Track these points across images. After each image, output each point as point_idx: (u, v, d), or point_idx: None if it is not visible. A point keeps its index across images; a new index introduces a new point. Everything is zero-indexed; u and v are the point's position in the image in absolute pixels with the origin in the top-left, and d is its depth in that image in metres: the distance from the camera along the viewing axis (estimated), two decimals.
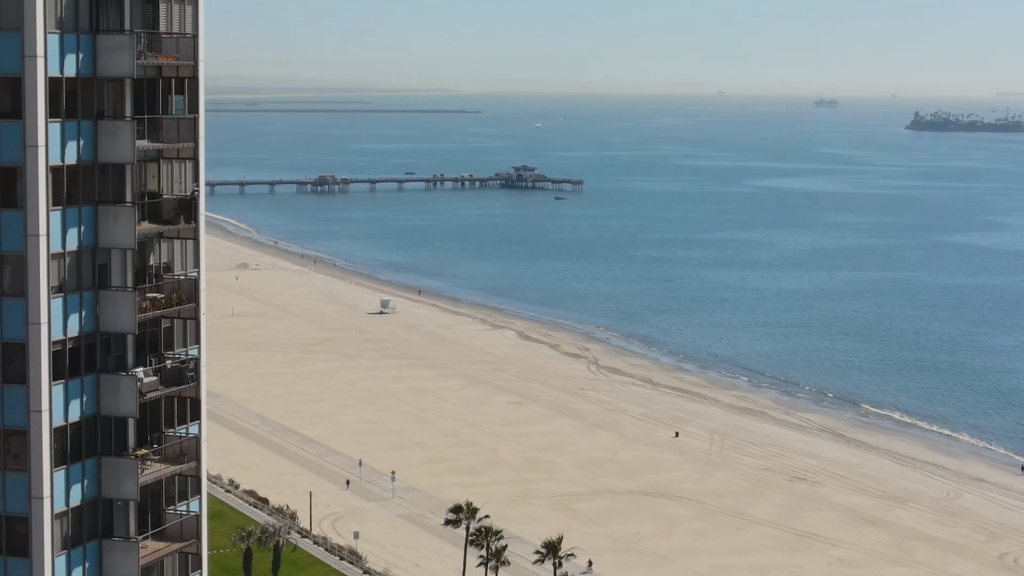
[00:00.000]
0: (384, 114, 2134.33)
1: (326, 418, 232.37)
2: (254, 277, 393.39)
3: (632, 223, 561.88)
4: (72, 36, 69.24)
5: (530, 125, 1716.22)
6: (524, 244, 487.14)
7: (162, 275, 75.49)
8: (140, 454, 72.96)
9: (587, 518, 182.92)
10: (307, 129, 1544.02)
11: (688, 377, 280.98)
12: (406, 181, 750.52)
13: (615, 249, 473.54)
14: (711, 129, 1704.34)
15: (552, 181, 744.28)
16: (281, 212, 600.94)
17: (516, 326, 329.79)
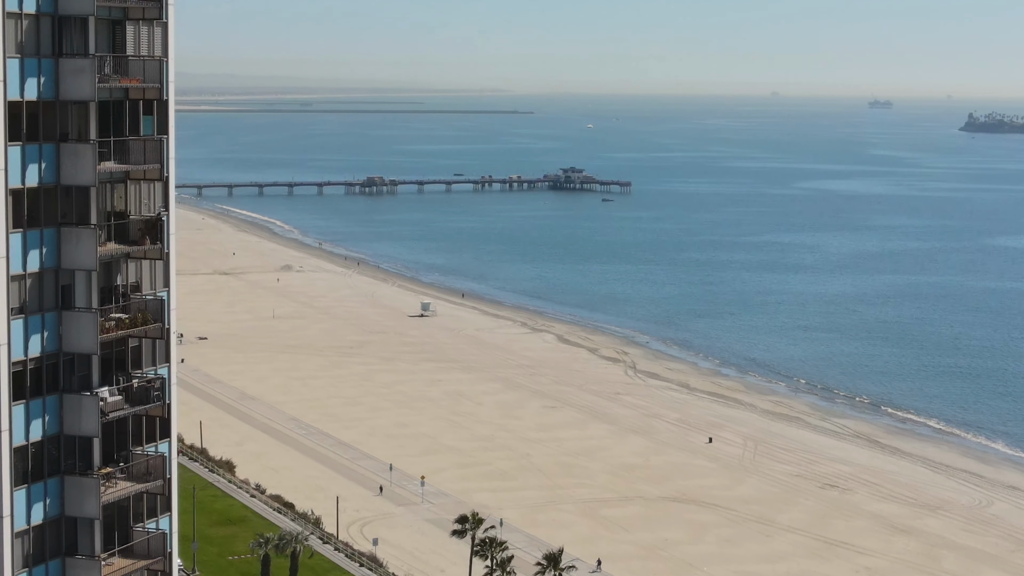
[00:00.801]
0: (436, 115, 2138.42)
1: (360, 422, 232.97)
2: (297, 279, 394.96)
3: (677, 225, 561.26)
4: (33, 60, 69.94)
5: (582, 126, 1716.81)
6: (568, 246, 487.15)
7: (129, 295, 76.04)
8: (105, 472, 73.52)
9: (615, 524, 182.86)
10: (358, 130, 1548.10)
11: (726, 382, 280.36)
12: (454, 183, 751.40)
13: (659, 252, 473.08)
14: (763, 130, 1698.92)
15: (600, 183, 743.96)
16: (328, 213, 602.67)
17: (556, 329, 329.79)
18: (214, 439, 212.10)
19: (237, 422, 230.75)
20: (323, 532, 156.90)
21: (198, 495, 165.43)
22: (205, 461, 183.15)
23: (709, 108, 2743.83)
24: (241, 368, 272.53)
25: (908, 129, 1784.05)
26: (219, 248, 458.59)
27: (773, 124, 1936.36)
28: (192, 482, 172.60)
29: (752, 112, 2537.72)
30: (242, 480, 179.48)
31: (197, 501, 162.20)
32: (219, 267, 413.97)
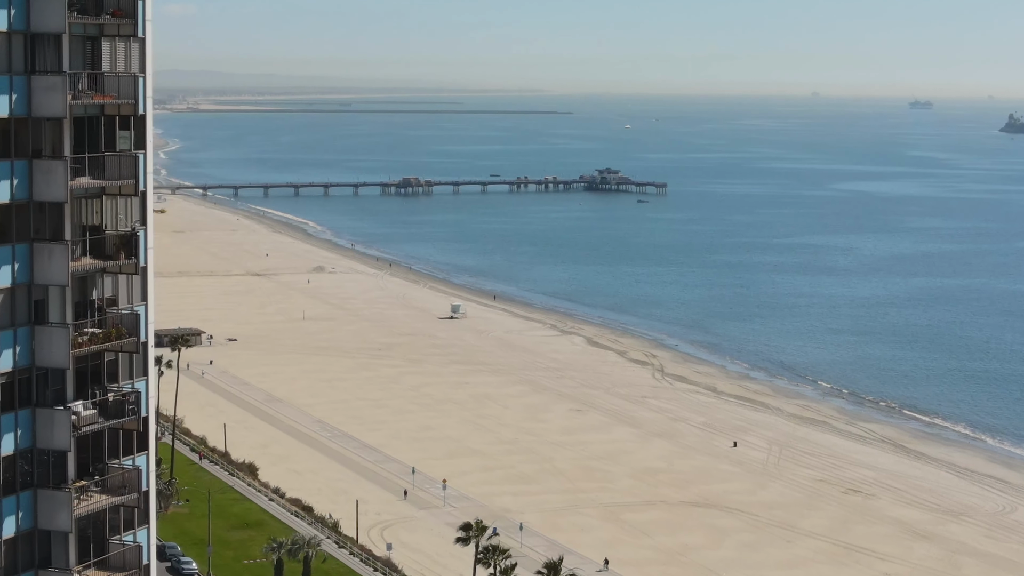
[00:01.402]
0: (474, 115, 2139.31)
1: (385, 424, 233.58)
2: (329, 280, 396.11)
3: (711, 227, 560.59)
4: (5, 78, 70.62)
5: (620, 126, 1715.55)
6: (601, 248, 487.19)
7: (105, 309, 76.64)
8: (79, 486, 74.17)
9: (636, 528, 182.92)
10: (396, 130, 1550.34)
11: (753, 385, 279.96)
12: (490, 184, 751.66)
13: (691, 254, 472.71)
14: (802, 131, 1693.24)
15: (636, 184, 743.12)
16: (363, 214, 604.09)
17: (585, 332, 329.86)
18: (239, 441, 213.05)
19: (263, 424, 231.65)
20: (339, 536, 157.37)
21: (216, 499, 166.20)
22: (225, 464, 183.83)
23: (749, 109, 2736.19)
24: (269, 370, 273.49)
25: (947, 130, 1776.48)
26: (253, 249, 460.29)
27: (812, 125, 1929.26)
28: (212, 485, 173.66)
29: (792, 113, 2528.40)
30: (262, 483, 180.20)
31: (215, 505, 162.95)
32: (252, 268, 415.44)
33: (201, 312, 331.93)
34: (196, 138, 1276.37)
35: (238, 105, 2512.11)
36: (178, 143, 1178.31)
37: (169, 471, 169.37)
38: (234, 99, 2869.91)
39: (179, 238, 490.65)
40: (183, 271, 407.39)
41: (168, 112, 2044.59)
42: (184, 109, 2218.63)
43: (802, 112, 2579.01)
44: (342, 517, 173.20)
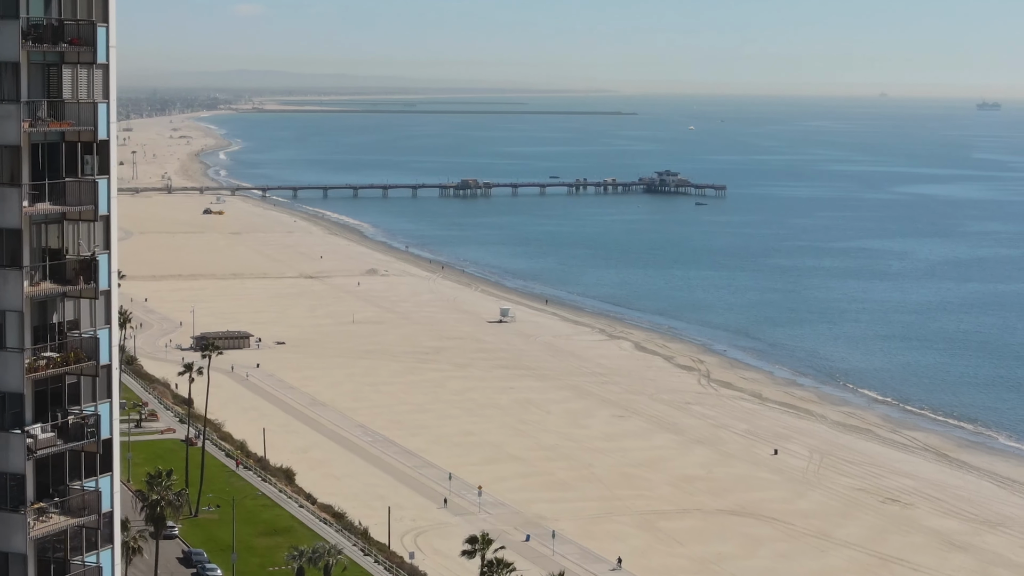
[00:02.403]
0: (539, 115, 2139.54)
1: (427, 429, 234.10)
2: (381, 283, 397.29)
3: (767, 230, 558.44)
4: None
5: (684, 127, 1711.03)
6: (655, 251, 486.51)
7: (66, 333, 77.46)
8: (36, 508, 74.98)
9: (670, 537, 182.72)
10: (459, 131, 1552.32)
11: (799, 392, 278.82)
12: (548, 186, 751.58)
13: (745, 257, 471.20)
14: (867, 132, 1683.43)
15: (695, 186, 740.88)
16: (420, 216, 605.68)
17: (634, 336, 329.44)
18: (280, 445, 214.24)
19: (305, 428, 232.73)
20: (366, 543, 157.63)
21: (247, 504, 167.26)
22: (259, 470, 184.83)
23: (815, 109, 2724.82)
24: (316, 373, 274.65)
25: (1015, 132, 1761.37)
26: (308, 251, 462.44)
27: (879, 126, 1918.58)
28: (244, 491, 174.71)
29: (859, 114, 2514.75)
30: (296, 489, 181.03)
31: (246, 511, 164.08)
32: (305, 271, 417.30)
33: (252, 315, 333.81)
34: (259, 139, 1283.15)
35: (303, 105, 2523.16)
36: (240, 143, 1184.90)
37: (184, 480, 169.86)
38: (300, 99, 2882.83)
39: (235, 240, 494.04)
40: (237, 273, 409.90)
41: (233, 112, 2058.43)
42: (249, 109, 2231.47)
43: (869, 113, 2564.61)
44: (376, 523, 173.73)
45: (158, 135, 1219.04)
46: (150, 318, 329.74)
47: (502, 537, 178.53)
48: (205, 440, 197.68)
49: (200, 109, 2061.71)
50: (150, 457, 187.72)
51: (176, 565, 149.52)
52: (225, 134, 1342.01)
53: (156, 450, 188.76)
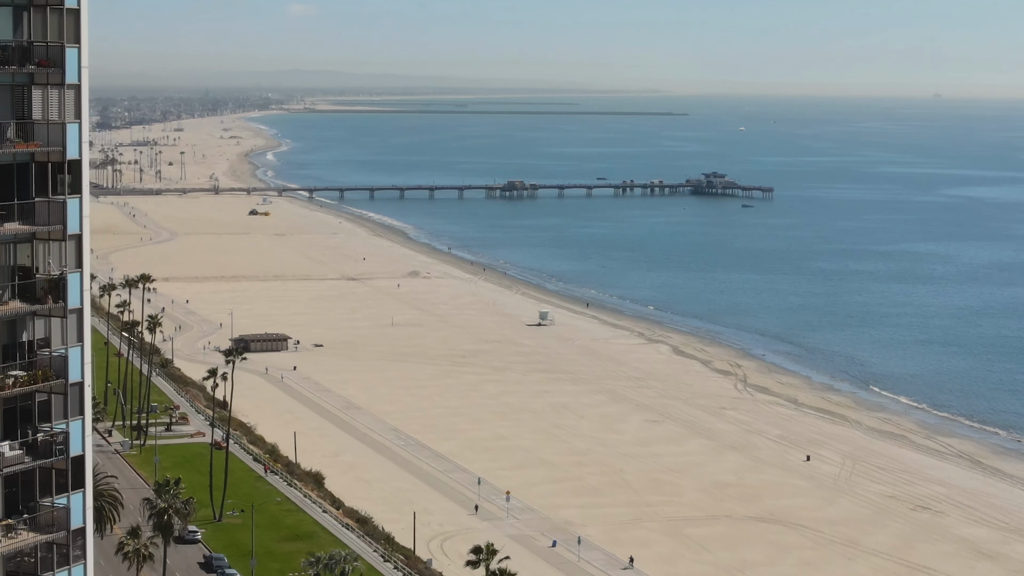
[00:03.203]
0: (590, 116, 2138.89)
1: (460, 433, 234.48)
2: (422, 285, 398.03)
3: (813, 233, 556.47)
4: None
5: (735, 128, 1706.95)
6: (698, 254, 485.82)
7: (36, 352, 78.13)
8: (4, 524, 75.66)
9: (697, 544, 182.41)
10: (508, 131, 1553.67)
11: (836, 397, 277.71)
12: (595, 187, 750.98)
13: (787, 260, 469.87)
14: (919, 134, 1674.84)
15: (742, 188, 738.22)
16: (465, 218, 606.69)
17: (672, 340, 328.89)
18: (312, 448, 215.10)
19: (338, 432, 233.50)
20: (387, 550, 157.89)
21: (271, 509, 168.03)
22: (285, 475, 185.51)
23: (868, 110, 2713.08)
24: (352, 376, 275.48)
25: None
26: (351, 253, 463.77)
27: (931, 127, 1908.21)
28: (270, 496, 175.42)
29: (912, 115, 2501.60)
30: (323, 494, 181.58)
31: (270, 516, 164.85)
32: (347, 272, 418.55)
33: (292, 317, 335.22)
34: (308, 139, 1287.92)
35: (354, 105, 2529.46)
36: (289, 144, 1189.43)
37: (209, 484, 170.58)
38: (351, 99, 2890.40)
39: (279, 241, 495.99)
40: (279, 275, 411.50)
41: (285, 112, 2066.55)
42: (301, 109, 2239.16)
43: (922, 114, 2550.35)
44: (403, 528, 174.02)
45: (209, 135, 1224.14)
46: (190, 320, 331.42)
47: (527, 542, 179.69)
48: (232, 444, 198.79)
49: (252, 109, 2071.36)
50: (178, 461, 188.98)
51: (197, 570, 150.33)
52: (275, 134, 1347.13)
53: (185, 454, 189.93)
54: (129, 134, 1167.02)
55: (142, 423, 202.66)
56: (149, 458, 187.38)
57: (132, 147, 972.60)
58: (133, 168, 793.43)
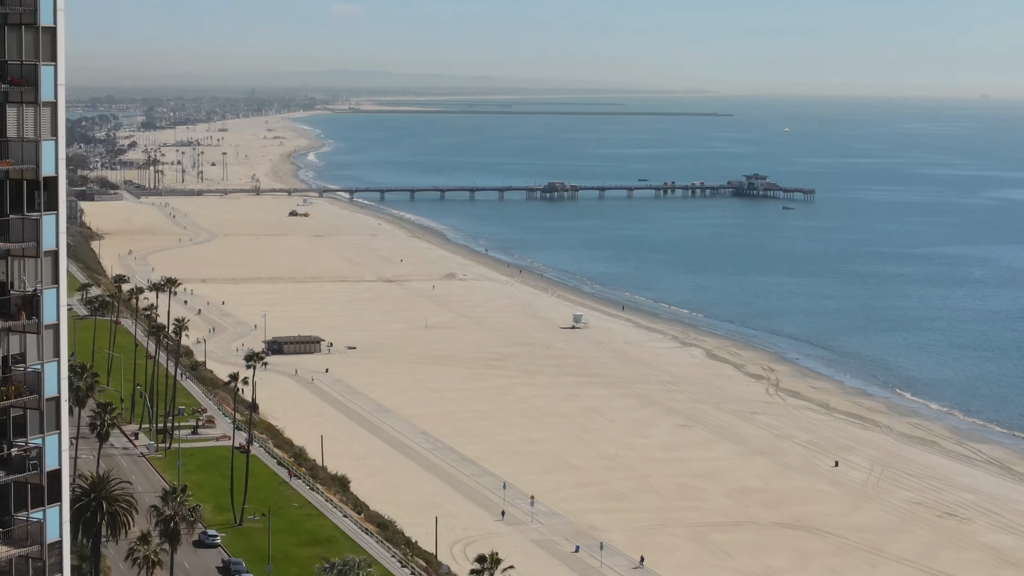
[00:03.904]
0: (634, 116, 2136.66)
1: (488, 437, 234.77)
2: (458, 287, 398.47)
3: (851, 235, 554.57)
4: None
5: (779, 129, 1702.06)
6: (736, 256, 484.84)
7: (11, 367, 78.79)
8: None
9: (720, 550, 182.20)
10: (552, 132, 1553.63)
11: (868, 402, 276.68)
12: (636, 189, 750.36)
13: (825, 263, 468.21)
14: (966, 135, 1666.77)
15: (783, 190, 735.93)
16: (504, 219, 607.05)
17: (706, 344, 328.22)
18: (340, 452, 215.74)
19: (367, 435, 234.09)
20: (405, 555, 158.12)
21: (292, 513, 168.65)
22: (308, 479, 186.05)
23: (915, 111, 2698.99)
24: (383, 379, 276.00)
25: None
26: (389, 255, 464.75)
27: (978, 129, 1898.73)
28: (290, 500, 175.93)
29: (959, 116, 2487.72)
30: (341, 499, 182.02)
31: (290, 520, 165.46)
32: (384, 274, 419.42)
33: (326, 319, 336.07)
34: (352, 139, 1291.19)
35: (399, 106, 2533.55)
36: (332, 144, 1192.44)
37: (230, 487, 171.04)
38: (396, 99, 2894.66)
39: (318, 243, 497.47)
40: (316, 277, 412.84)
41: (329, 112, 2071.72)
42: (346, 110, 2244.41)
43: (970, 115, 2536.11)
44: (427, 532, 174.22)
45: (252, 136, 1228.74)
46: (225, 321, 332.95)
47: (551, 547, 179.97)
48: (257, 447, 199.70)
49: (297, 109, 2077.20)
50: (202, 464, 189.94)
51: (215, 574, 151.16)
52: (319, 135, 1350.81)
53: (209, 457, 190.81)
54: (173, 134, 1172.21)
55: (168, 426, 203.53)
56: (174, 461, 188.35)
57: (175, 147, 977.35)
58: (175, 169, 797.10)
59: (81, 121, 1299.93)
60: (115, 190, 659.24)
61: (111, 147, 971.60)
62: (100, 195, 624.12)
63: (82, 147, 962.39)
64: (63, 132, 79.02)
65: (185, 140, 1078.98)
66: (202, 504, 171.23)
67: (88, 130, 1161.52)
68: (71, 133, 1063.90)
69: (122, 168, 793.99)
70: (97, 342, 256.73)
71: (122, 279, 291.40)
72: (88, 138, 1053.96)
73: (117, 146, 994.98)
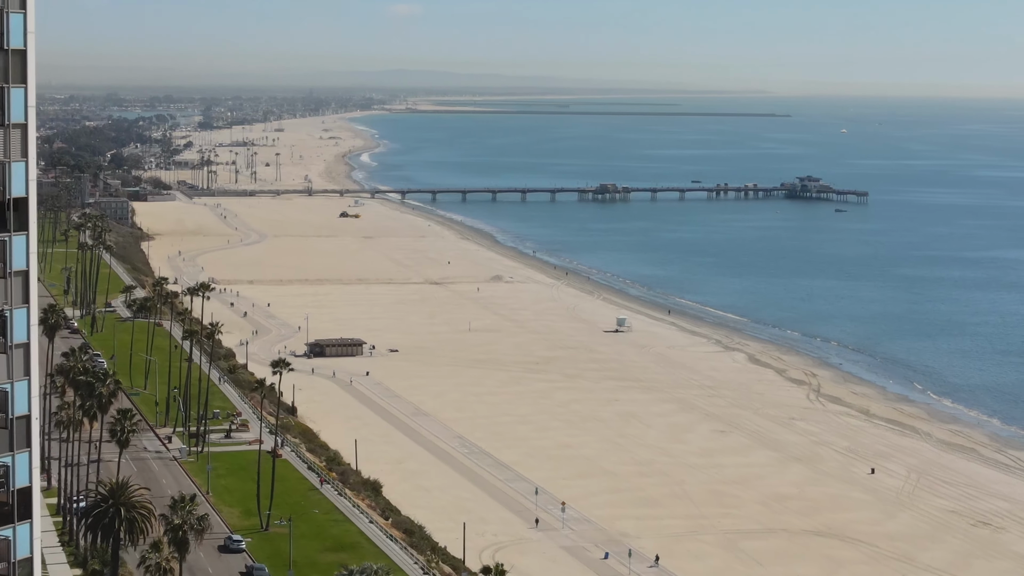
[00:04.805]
0: (691, 117, 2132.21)
1: (524, 441, 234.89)
2: (504, 290, 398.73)
3: (902, 238, 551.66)
4: None
5: (836, 130, 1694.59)
6: (784, 259, 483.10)
7: None
8: None
9: (750, 557, 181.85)
10: (608, 132, 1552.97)
11: (909, 408, 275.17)
12: (688, 190, 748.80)
13: (873, 267, 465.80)
14: (1022, 137, 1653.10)
15: (836, 192, 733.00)
16: (555, 221, 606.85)
17: (750, 348, 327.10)
18: (376, 455, 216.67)
19: (403, 438, 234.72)
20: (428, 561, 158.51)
21: (319, 519, 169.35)
22: (337, 483, 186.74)
23: (973, 112, 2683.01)
24: (423, 382, 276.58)
25: None
26: (437, 256, 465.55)
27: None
28: (316, 505, 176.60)
29: (1018, 117, 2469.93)
30: (369, 504, 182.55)
31: (315, 525, 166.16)
32: (430, 276, 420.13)
33: (370, 321, 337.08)
34: (407, 140, 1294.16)
35: (455, 106, 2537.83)
36: (387, 144, 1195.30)
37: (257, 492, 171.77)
38: (453, 99, 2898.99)
39: (366, 244, 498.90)
40: (363, 279, 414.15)
41: (386, 113, 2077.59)
42: (403, 110, 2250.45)
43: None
44: (457, 537, 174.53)
45: (308, 136, 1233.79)
46: (269, 323, 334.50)
47: (580, 553, 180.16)
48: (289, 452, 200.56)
49: (354, 109, 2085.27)
50: (233, 469, 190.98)
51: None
52: (375, 135, 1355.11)
53: (240, 461, 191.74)
54: (229, 134, 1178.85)
55: (200, 430, 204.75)
56: (205, 465, 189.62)
57: (230, 147, 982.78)
58: (229, 169, 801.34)
59: (138, 121, 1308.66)
60: (168, 190, 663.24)
61: (166, 147, 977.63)
62: (153, 195, 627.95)
63: (138, 147, 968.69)
64: (33, 153, 79.78)
65: (240, 140, 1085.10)
66: (230, 508, 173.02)
67: (144, 130, 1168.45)
68: (127, 133, 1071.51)
69: (176, 168, 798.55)
70: (137, 345, 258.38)
71: (163, 281, 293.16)
72: (144, 138, 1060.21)
73: (172, 146, 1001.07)
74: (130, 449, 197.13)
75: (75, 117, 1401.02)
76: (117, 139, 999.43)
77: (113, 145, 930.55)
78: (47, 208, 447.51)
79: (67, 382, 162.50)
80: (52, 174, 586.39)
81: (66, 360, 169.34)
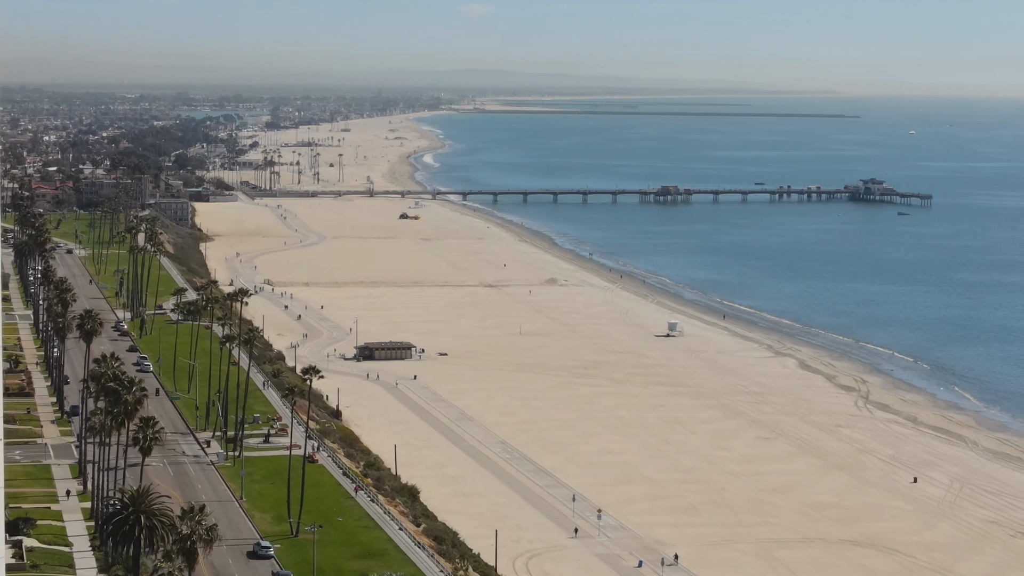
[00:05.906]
0: (759, 118, 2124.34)
1: (566, 447, 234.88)
2: (558, 293, 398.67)
3: (963, 242, 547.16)
4: None
5: (905, 132, 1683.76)
6: (842, 263, 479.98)
7: None
8: None
9: (785, 567, 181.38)
10: (674, 133, 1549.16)
11: (957, 416, 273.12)
12: (750, 193, 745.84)
13: (932, 271, 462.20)
14: None
15: (900, 195, 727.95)
16: (614, 223, 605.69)
17: (801, 354, 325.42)
18: (418, 460, 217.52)
19: (446, 443, 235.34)
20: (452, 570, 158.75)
21: (349, 525, 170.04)
22: (370, 490, 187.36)
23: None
24: (470, 387, 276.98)
25: None
26: (493, 259, 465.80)
27: None
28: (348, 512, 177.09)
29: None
30: (404, 509, 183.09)
31: (344, 532, 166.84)
32: (486, 279, 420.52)
33: (422, 324, 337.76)
34: (472, 140, 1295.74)
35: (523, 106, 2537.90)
36: (451, 145, 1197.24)
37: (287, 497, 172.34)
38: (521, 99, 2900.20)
39: (424, 246, 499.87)
40: (418, 281, 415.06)
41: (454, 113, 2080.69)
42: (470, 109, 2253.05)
43: None
44: (493, 544, 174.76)
45: (374, 136, 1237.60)
46: (322, 326, 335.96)
47: (614, 561, 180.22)
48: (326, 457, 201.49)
49: (422, 109, 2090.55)
50: (268, 474, 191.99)
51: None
52: (440, 135, 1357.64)
53: (276, 467, 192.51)
54: (296, 134, 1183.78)
55: (237, 434, 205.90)
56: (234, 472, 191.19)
57: (294, 148, 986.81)
58: (292, 170, 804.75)
59: (205, 121, 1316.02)
60: (230, 191, 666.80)
61: (232, 147, 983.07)
62: (215, 196, 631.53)
63: (203, 147, 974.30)
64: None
65: (306, 140, 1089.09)
66: (263, 514, 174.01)
67: (211, 130, 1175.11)
68: (194, 132, 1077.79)
69: (240, 168, 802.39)
70: (183, 348, 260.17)
71: (211, 284, 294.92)
72: (210, 138, 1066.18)
73: (238, 146, 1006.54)
74: (168, 454, 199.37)
75: (144, 117, 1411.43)
76: (184, 139, 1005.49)
77: (179, 145, 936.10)
78: (105, 210, 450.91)
79: (99, 388, 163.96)
80: (114, 175, 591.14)
81: (97, 366, 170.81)
